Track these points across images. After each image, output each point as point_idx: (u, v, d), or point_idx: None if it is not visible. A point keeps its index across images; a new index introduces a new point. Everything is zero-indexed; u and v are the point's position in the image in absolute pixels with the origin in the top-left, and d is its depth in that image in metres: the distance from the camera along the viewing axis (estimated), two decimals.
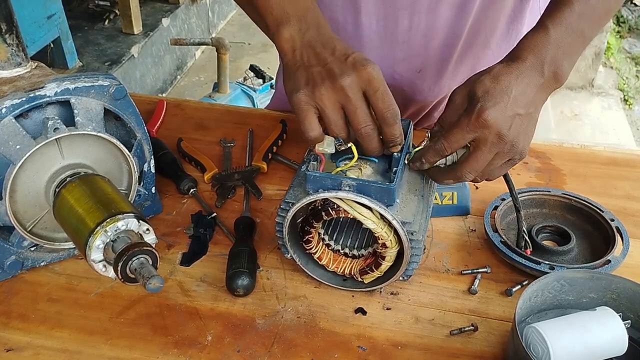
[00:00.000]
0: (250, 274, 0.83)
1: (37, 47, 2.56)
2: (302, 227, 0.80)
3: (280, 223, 0.80)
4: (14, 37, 0.80)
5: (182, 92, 3.56)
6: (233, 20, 4.37)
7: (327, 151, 0.76)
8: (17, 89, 0.76)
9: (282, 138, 1.11)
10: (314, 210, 0.79)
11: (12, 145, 0.74)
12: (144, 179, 0.90)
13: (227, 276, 0.83)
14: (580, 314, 0.72)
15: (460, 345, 0.78)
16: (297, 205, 0.77)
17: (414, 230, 0.75)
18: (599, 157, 1.11)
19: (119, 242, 0.70)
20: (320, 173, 0.75)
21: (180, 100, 1.27)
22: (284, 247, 0.83)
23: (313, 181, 0.75)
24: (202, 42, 2.71)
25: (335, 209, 0.76)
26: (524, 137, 0.76)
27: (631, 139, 3.34)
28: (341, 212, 0.76)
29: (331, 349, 0.77)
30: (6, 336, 0.77)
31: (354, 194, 0.74)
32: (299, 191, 0.78)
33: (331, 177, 0.75)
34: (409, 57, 1.06)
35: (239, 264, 0.83)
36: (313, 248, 0.82)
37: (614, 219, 0.91)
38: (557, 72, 0.77)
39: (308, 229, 0.80)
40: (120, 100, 0.83)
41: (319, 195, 0.75)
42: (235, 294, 0.82)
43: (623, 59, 4.15)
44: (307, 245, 0.82)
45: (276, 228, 0.81)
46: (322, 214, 0.77)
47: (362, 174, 0.78)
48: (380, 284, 0.82)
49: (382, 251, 0.78)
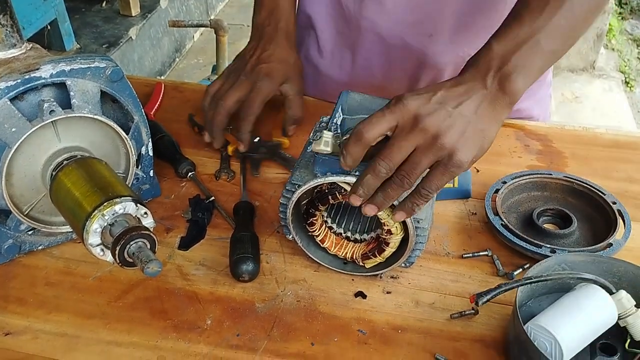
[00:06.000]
0: (254, 259, 0.82)
1: (33, 29, 2.53)
2: (307, 209, 0.80)
3: (285, 204, 0.79)
4: (8, 17, 0.79)
5: (181, 75, 3.54)
6: (232, 2, 4.33)
7: (325, 150, 0.73)
8: (12, 70, 0.75)
9: None
10: (320, 193, 0.78)
11: (8, 128, 0.74)
12: (142, 162, 0.89)
13: (231, 262, 0.82)
14: (567, 296, 0.72)
15: (461, 328, 0.77)
16: (304, 187, 0.76)
17: (421, 218, 0.75)
18: (600, 139, 1.11)
19: (116, 225, 0.69)
20: (330, 156, 0.74)
21: (178, 83, 1.26)
22: (286, 228, 0.82)
23: (322, 164, 0.74)
24: (201, 24, 2.68)
25: (342, 193, 0.75)
26: (456, 137, 0.68)
27: (632, 122, 3.33)
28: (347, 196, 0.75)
29: (331, 333, 0.76)
30: (4, 320, 0.77)
31: None
32: (305, 173, 0.77)
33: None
34: (420, 21, 1.05)
35: (243, 249, 0.82)
36: (316, 231, 0.82)
37: (615, 202, 0.90)
38: (505, 85, 0.72)
39: (313, 211, 0.79)
40: (117, 83, 0.81)
41: (326, 179, 0.75)
42: (241, 280, 0.81)
43: (625, 40, 4.12)
44: (311, 227, 0.81)
45: (279, 209, 0.80)
46: (329, 197, 0.76)
47: None
48: (381, 270, 0.82)
49: (387, 237, 0.77)
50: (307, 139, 0.87)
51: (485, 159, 0.82)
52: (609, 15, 3.65)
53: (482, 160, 0.84)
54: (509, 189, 0.94)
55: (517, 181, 0.95)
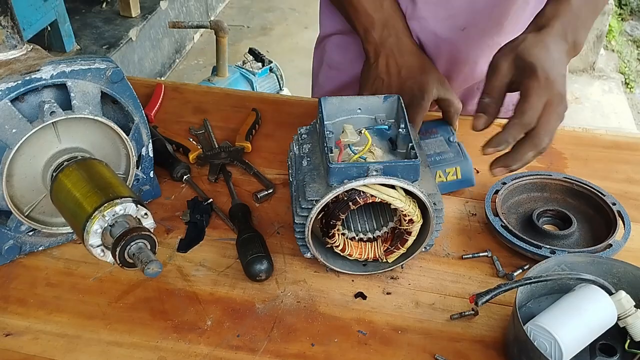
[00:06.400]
0: (268, 257, 0.82)
1: (34, 30, 2.54)
2: (326, 222, 0.78)
3: (302, 224, 0.78)
4: (9, 19, 0.79)
5: (181, 76, 3.54)
6: (232, 3, 4.33)
7: (351, 140, 0.78)
8: (13, 72, 0.75)
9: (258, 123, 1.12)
10: (337, 203, 0.76)
11: (8, 129, 0.74)
12: (142, 163, 0.89)
13: (245, 263, 0.82)
14: (567, 297, 0.73)
15: (461, 329, 0.77)
16: (323, 200, 0.75)
17: (438, 200, 0.77)
18: (600, 140, 1.11)
19: (117, 226, 0.69)
20: (345, 164, 0.74)
21: (178, 84, 1.26)
22: (305, 247, 0.81)
23: (338, 173, 0.74)
24: (201, 25, 2.68)
25: (361, 196, 0.75)
26: (563, 84, 0.81)
27: (632, 123, 3.33)
28: (367, 198, 0.75)
29: (331, 334, 0.76)
30: (5, 321, 0.77)
31: (383, 177, 0.74)
32: (316, 187, 0.76)
33: (356, 166, 0.74)
34: (453, 15, 1.05)
35: (255, 249, 0.82)
36: (336, 241, 0.81)
37: (615, 203, 0.90)
38: (576, 41, 0.84)
39: (334, 222, 0.77)
40: (117, 84, 0.82)
41: (345, 187, 0.74)
42: (257, 279, 0.81)
43: (624, 41, 4.12)
44: (331, 239, 0.80)
45: (295, 229, 0.79)
46: (349, 203, 0.75)
47: (375, 156, 0.78)
48: (402, 261, 0.83)
49: (408, 227, 0.78)
50: (289, 154, 0.87)
51: (485, 159, 0.82)
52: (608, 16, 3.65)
53: (482, 160, 0.85)
54: (508, 190, 0.94)
55: (517, 182, 0.95)
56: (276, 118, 1.13)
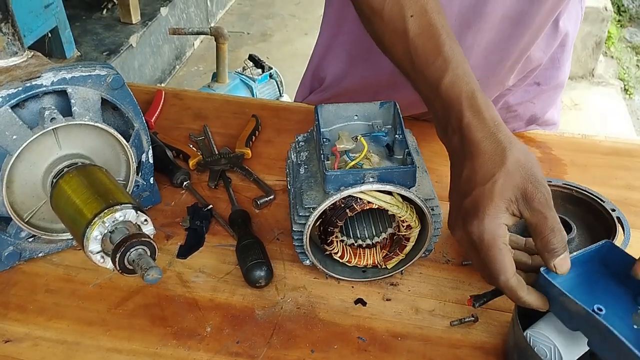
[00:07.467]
0: (267, 263, 0.82)
1: (34, 36, 2.54)
2: (324, 229, 0.79)
3: (300, 231, 0.78)
4: (10, 25, 0.79)
5: (181, 82, 3.54)
6: (232, 10, 4.34)
7: (347, 147, 0.78)
8: (14, 78, 0.76)
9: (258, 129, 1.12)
10: (334, 210, 0.77)
11: (9, 135, 0.74)
12: (142, 170, 0.90)
13: (245, 269, 0.82)
14: None
15: (461, 336, 0.77)
16: (320, 208, 0.75)
17: (435, 205, 0.77)
18: (599, 146, 1.11)
19: (116, 233, 0.69)
20: (341, 171, 0.74)
21: (178, 90, 1.26)
22: (303, 254, 0.81)
23: (334, 181, 0.74)
24: (201, 31, 2.68)
25: (358, 203, 0.75)
26: None
27: (631, 129, 3.33)
28: (364, 204, 0.75)
29: (331, 340, 0.76)
30: (4, 327, 0.77)
31: (379, 183, 0.74)
32: (313, 195, 0.77)
33: (352, 173, 0.74)
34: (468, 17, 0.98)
35: (254, 255, 0.83)
36: (335, 248, 0.81)
37: (615, 209, 0.90)
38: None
39: (331, 229, 0.78)
40: (117, 90, 0.82)
41: (342, 194, 0.74)
42: (257, 286, 0.81)
43: (624, 48, 4.13)
44: (330, 246, 0.80)
45: (293, 237, 0.79)
46: (346, 210, 0.76)
47: (372, 163, 0.78)
48: (402, 267, 0.83)
49: (407, 233, 0.79)
50: (287, 162, 0.88)
51: None
52: (608, 22, 3.66)
53: None
54: None
55: None
56: (276, 124, 1.14)
